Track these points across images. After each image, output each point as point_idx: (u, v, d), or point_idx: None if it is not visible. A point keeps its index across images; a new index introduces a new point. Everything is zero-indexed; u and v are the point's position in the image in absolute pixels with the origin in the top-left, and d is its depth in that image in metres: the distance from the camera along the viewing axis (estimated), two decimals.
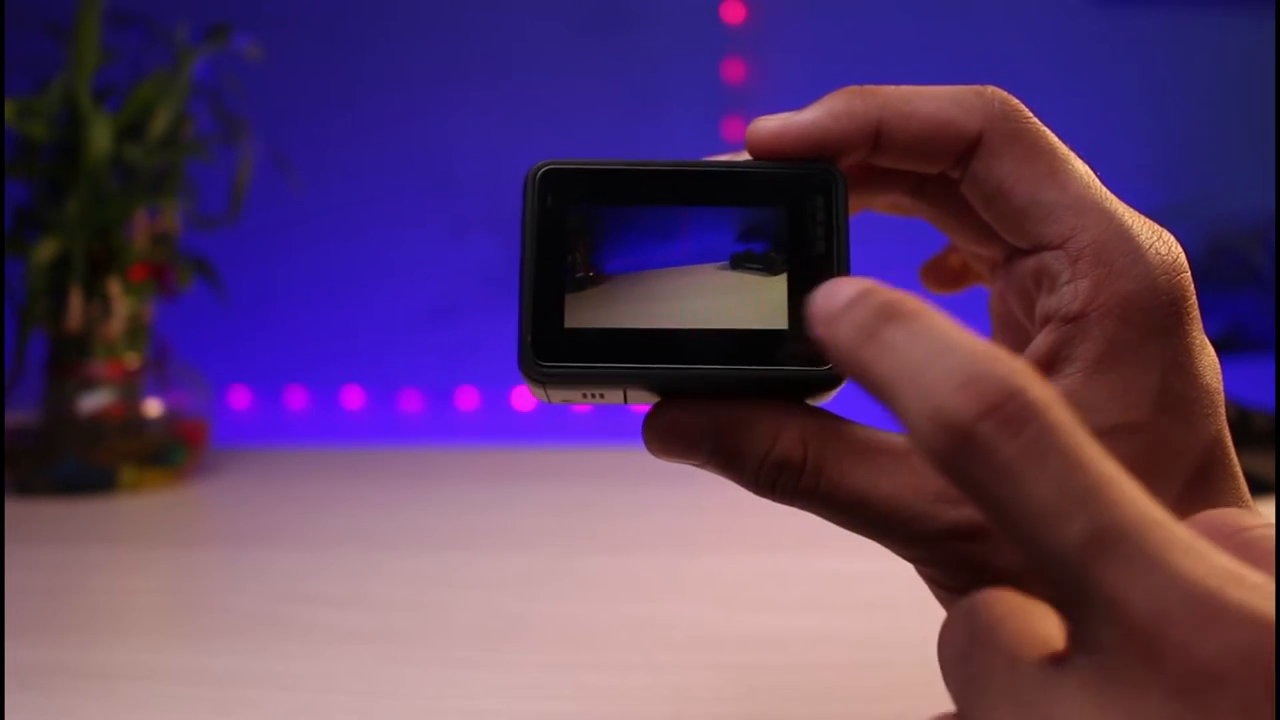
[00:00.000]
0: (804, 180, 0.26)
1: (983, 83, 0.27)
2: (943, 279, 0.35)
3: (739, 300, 0.25)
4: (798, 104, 0.27)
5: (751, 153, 0.27)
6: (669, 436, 0.26)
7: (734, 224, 0.26)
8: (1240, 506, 0.25)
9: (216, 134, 0.78)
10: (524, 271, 0.25)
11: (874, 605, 0.47)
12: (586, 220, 0.26)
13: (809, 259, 0.25)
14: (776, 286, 0.25)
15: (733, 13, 1.78)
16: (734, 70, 1.78)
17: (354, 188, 1.77)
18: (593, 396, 0.26)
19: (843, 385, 0.25)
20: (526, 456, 0.87)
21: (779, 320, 0.25)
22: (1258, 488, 0.68)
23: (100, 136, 0.70)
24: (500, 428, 1.77)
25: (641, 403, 0.26)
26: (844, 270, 0.25)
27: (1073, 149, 0.26)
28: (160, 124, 0.74)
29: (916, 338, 0.18)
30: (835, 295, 0.19)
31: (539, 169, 0.26)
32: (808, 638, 0.44)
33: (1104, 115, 1.73)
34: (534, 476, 0.80)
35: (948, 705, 0.30)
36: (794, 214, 0.26)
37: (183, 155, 0.76)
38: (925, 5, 1.76)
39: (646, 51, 1.79)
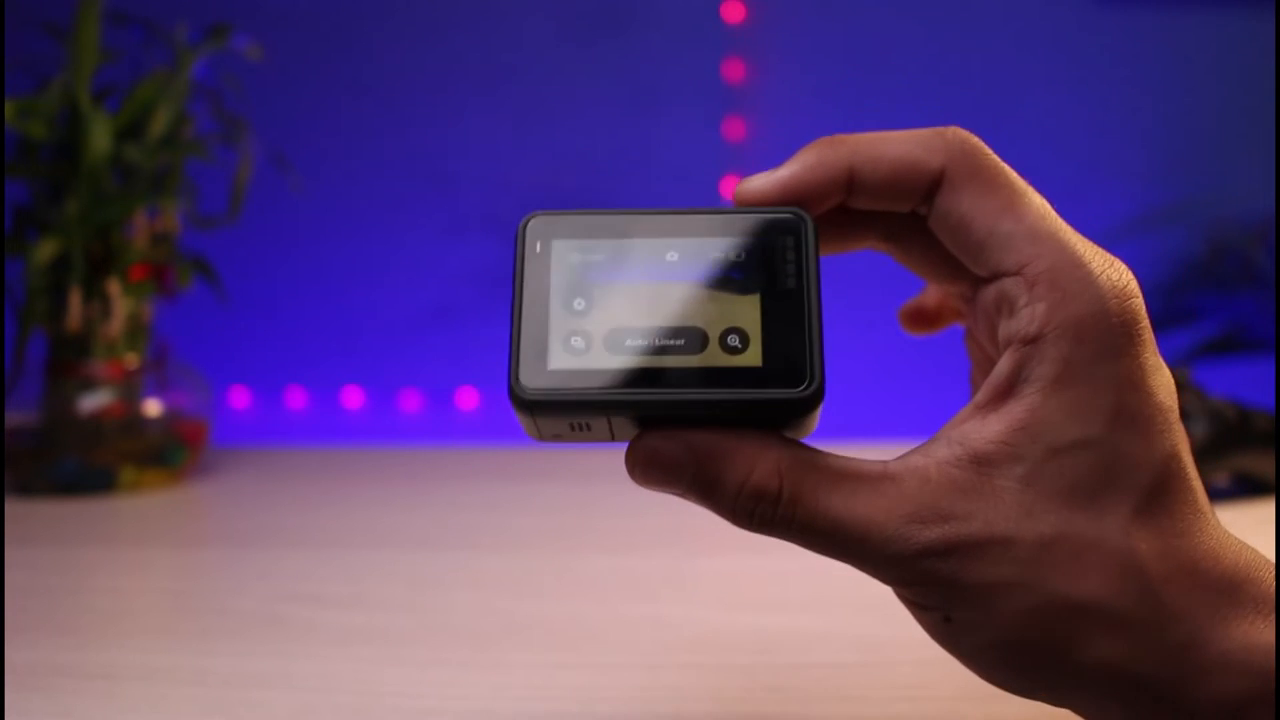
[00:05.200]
0: (775, 224, 0.27)
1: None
2: (920, 320, 0.37)
3: (717, 336, 0.27)
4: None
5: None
6: (650, 466, 0.27)
7: (710, 265, 0.27)
8: (1198, 517, 0.26)
9: (216, 134, 0.78)
10: (514, 313, 0.27)
11: (874, 605, 0.47)
12: (574, 265, 0.27)
13: (781, 294, 0.27)
14: (751, 322, 0.27)
15: (733, 13, 1.78)
16: (734, 70, 1.78)
17: (354, 188, 1.77)
18: (580, 428, 0.27)
19: (820, 407, 0.26)
20: (526, 456, 0.87)
21: (754, 357, 0.26)
22: (1258, 488, 0.68)
23: (100, 136, 0.70)
24: (499, 428, 1.77)
25: (627, 437, 0.27)
26: (813, 301, 0.27)
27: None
28: (160, 124, 0.74)
29: None
30: None
31: (529, 219, 0.28)
32: (808, 638, 0.44)
33: (1104, 115, 1.73)
34: (534, 476, 0.80)
35: (946, 705, 0.30)
36: (766, 254, 0.27)
37: (182, 155, 0.76)
38: (926, 5, 1.76)
39: (646, 51, 1.79)
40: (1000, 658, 0.26)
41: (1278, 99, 1.67)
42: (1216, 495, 0.67)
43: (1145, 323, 0.26)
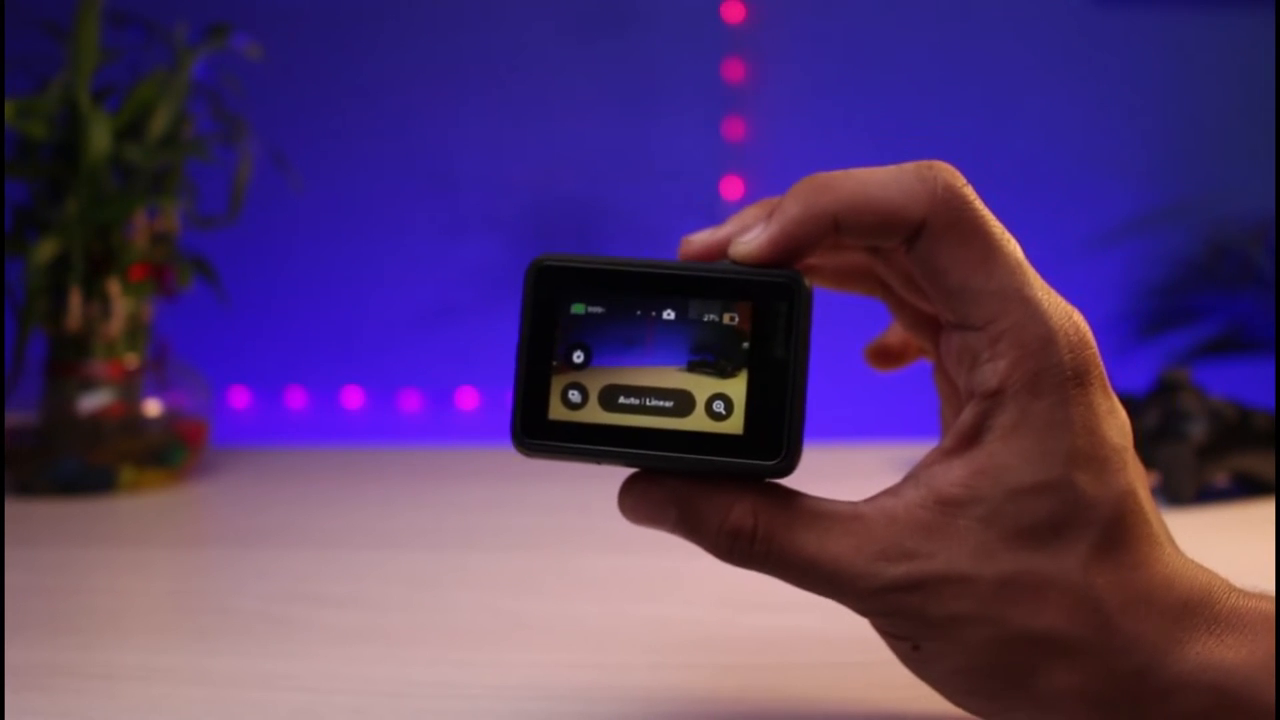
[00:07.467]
0: (771, 289, 0.28)
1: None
2: (885, 358, 0.39)
3: (703, 400, 0.28)
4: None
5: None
6: (640, 506, 0.29)
7: (705, 330, 0.28)
8: (1153, 548, 0.28)
9: (216, 134, 0.78)
10: (519, 359, 0.29)
11: None
12: (576, 316, 0.29)
13: (769, 362, 0.28)
14: (737, 389, 0.28)
15: (733, 13, 1.78)
16: (734, 70, 1.78)
17: (353, 187, 1.77)
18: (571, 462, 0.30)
19: (790, 474, 0.28)
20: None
21: (736, 424, 0.28)
22: (1258, 488, 0.68)
23: (100, 136, 0.70)
24: (499, 428, 1.76)
25: (616, 467, 0.30)
26: (799, 371, 0.28)
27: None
28: (160, 124, 0.74)
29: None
30: None
31: (538, 263, 0.29)
32: (808, 638, 0.44)
33: (1104, 115, 1.73)
34: (534, 476, 0.80)
35: (945, 705, 0.30)
36: (759, 319, 0.28)
37: (182, 155, 0.76)
38: (925, 5, 1.76)
39: (646, 51, 1.79)
40: (965, 684, 0.28)
41: (1278, 99, 1.67)
42: (1216, 495, 0.67)
43: (1098, 370, 0.28)
